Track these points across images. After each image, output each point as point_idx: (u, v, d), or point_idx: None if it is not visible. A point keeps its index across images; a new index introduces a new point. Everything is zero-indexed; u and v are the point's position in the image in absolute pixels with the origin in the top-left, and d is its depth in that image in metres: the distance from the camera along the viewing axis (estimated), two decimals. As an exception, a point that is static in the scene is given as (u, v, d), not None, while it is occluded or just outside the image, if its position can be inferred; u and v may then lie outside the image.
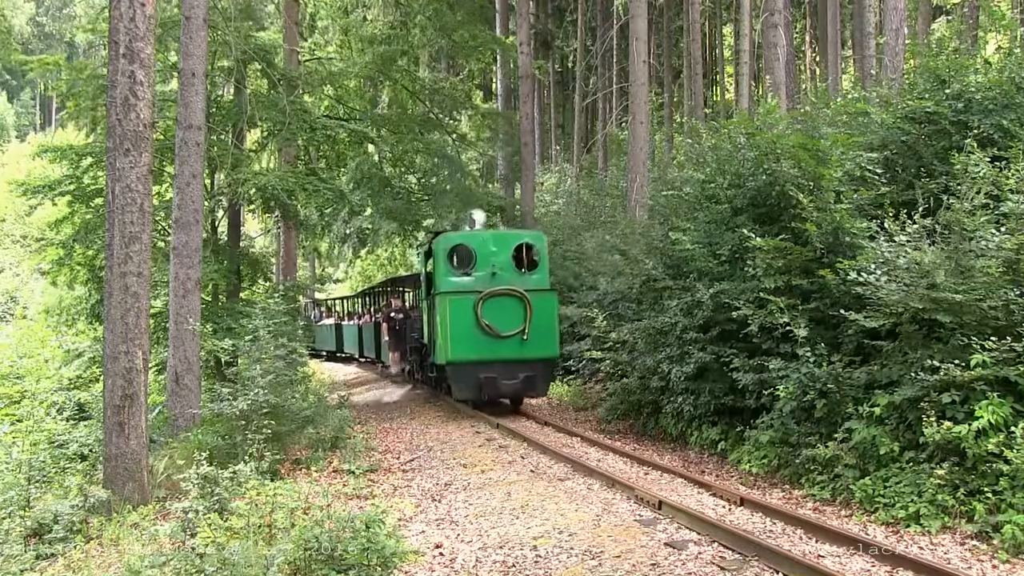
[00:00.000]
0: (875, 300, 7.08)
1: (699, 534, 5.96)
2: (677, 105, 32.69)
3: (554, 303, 12.39)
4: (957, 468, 6.15)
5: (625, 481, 7.55)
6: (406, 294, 21.33)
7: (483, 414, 12.45)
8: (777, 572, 5.12)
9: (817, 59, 32.46)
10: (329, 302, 33.77)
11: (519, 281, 12.35)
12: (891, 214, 7.46)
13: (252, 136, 18.15)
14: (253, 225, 32.34)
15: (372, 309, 23.54)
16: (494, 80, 32.41)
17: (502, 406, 13.19)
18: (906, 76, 10.85)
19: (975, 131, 8.16)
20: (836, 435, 7.12)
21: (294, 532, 5.43)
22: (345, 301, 30.36)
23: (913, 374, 6.65)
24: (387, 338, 18.98)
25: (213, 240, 14.89)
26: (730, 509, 6.77)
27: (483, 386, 11.89)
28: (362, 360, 25.21)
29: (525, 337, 11.95)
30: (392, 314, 18.67)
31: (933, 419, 6.27)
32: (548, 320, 12.19)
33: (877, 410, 6.80)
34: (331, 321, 29.96)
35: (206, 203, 13.31)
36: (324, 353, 29.64)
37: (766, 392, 7.98)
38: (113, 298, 8.00)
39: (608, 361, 11.35)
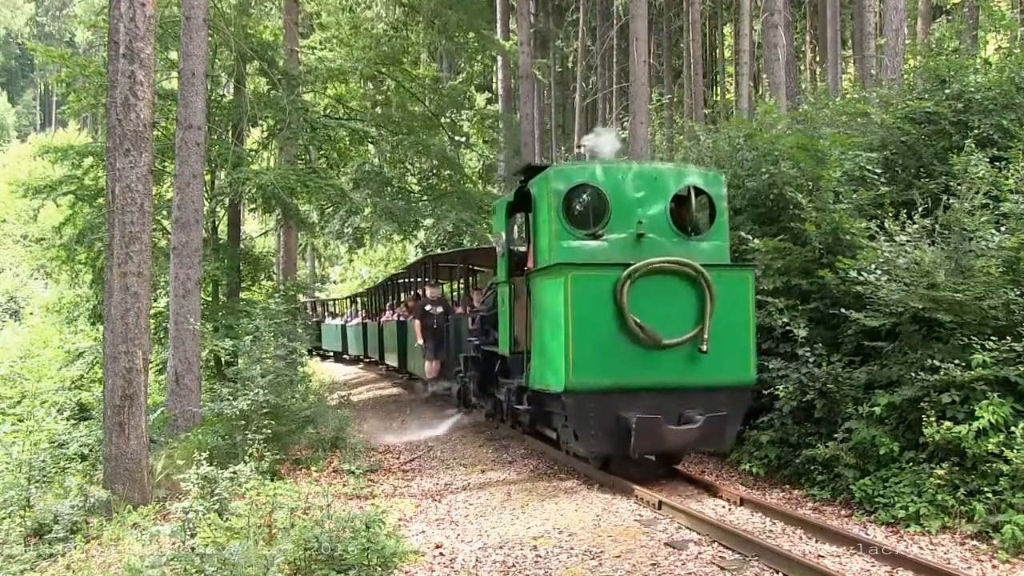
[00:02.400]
0: (875, 300, 7.08)
1: (699, 534, 5.97)
2: (677, 105, 32.69)
3: (747, 289, 7.43)
4: (957, 468, 6.15)
5: (625, 481, 7.54)
6: (457, 280, 16.99)
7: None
8: (777, 572, 5.12)
9: (817, 59, 32.44)
10: (365, 299, 27.77)
11: (683, 250, 7.47)
12: (891, 214, 7.47)
13: (253, 136, 18.18)
14: (253, 225, 32.23)
15: (395, 302, 19.09)
16: (494, 80, 32.42)
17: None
18: (906, 76, 10.84)
19: (975, 131, 8.18)
20: (836, 435, 7.12)
21: (294, 532, 5.42)
22: (379, 293, 23.37)
23: (913, 374, 6.66)
24: (420, 341, 13.61)
25: (213, 239, 14.89)
26: (730, 509, 6.77)
27: (634, 433, 6.89)
28: (387, 368, 19.89)
29: (704, 348, 7.15)
30: (428, 307, 13.65)
31: (933, 419, 6.28)
32: (739, 319, 7.33)
33: (877, 410, 6.80)
34: (358, 320, 25.49)
35: (206, 203, 13.30)
36: (363, 360, 24.67)
37: (766, 392, 7.98)
38: (113, 298, 7.99)
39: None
